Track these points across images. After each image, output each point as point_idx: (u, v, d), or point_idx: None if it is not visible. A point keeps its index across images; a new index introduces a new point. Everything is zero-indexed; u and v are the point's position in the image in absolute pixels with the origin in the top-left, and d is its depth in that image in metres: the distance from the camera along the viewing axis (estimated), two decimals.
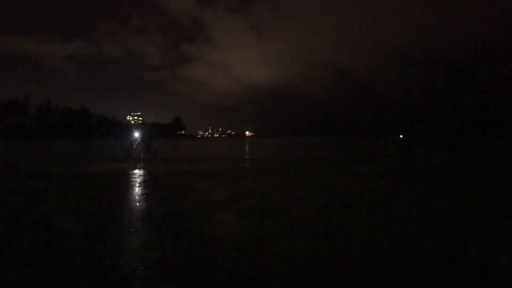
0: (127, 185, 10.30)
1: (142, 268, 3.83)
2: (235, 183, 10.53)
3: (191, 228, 5.41)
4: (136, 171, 13.92)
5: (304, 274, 3.67)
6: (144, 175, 12.72)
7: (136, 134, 15.16)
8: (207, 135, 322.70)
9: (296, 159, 21.61)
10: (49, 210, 6.84)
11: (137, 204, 7.41)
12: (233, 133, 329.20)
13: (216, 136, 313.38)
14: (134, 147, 14.28)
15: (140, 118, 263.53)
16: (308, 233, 5.11)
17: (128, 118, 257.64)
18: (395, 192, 8.75)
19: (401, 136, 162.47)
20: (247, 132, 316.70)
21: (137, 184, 10.32)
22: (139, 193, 8.82)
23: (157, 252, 4.35)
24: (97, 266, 3.88)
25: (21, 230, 5.39)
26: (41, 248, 4.48)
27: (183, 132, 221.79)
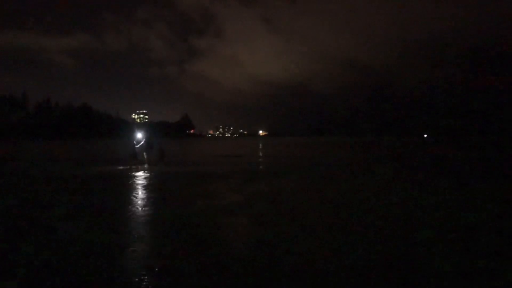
0: (132, 188, 10.41)
1: (148, 276, 3.81)
2: (248, 186, 10.50)
3: (200, 235, 5.39)
4: (141, 173, 14.03)
5: None
6: (150, 177, 12.81)
7: (139, 135, 15.26)
8: (217, 134, 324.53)
9: (312, 160, 21.42)
10: (46, 217, 6.93)
11: (143, 208, 7.46)
12: (245, 132, 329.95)
13: (228, 136, 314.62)
14: (138, 147, 14.41)
15: (146, 116, 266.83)
16: (328, 242, 5.00)
17: (133, 116, 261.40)
18: (414, 197, 8.53)
19: (425, 135, 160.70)
20: (260, 132, 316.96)
21: (143, 187, 10.41)
22: (144, 196, 8.89)
23: (165, 260, 4.34)
24: (103, 274, 3.88)
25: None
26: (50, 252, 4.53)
27: (192, 131, 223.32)
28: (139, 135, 15.31)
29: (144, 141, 15.09)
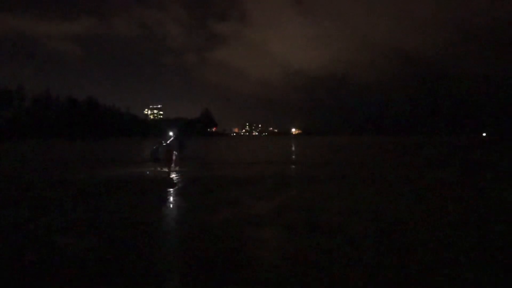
0: (152, 194, 10.87)
1: None
2: (278, 193, 10.68)
3: (225, 248, 5.59)
4: (163, 176, 14.51)
5: None
6: (172, 181, 13.30)
7: (171, 133, 15.93)
8: (243, 133, 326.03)
9: (352, 163, 21.16)
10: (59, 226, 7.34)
11: (163, 216, 7.81)
12: (276, 130, 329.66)
13: (255, 135, 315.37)
14: (165, 147, 15.03)
15: (161, 112, 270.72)
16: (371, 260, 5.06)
17: (145, 112, 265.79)
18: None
19: (484, 134, 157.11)
20: (293, 130, 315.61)
21: (164, 193, 10.85)
22: (166, 204, 9.30)
23: (187, 276, 4.55)
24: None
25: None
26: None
27: (214, 129, 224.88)
28: (170, 134, 15.93)
29: (174, 141, 15.67)
